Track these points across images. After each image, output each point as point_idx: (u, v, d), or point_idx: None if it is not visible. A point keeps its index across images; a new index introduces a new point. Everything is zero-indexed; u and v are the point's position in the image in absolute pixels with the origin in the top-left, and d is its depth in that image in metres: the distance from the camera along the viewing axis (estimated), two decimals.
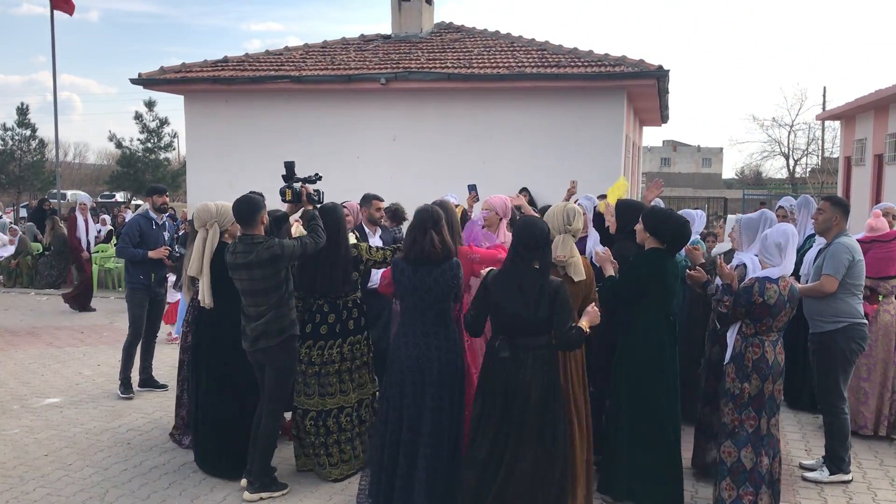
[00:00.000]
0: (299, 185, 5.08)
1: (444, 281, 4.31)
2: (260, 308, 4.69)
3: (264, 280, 4.65)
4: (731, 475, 4.47)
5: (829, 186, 32.89)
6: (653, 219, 4.67)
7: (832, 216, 5.33)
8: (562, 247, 4.32)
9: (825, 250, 5.28)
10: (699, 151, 68.17)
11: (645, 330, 4.56)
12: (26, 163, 37.32)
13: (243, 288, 4.73)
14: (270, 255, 4.61)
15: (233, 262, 4.71)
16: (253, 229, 4.72)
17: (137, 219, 7.21)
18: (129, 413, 6.57)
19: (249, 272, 4.65)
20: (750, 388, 4.43)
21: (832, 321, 5.13)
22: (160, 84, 15.04)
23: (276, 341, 4.70)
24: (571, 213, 4.43)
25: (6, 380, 7.64)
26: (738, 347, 4.51)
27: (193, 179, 15.11)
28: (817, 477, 5.21)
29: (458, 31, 16.75)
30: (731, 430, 4.49)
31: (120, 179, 36.80)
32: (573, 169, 12.99)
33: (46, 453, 5.60)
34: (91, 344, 9.34)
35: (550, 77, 13.09)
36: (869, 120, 19.48)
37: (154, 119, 36.68)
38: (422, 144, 14.02)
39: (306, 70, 14.34)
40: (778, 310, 4.38)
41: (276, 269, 4.66)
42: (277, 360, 4.75)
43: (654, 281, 4.54)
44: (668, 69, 12.92)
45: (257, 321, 4.69)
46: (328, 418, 5.02)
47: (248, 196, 4.82)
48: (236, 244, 4.74)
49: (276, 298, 4.69)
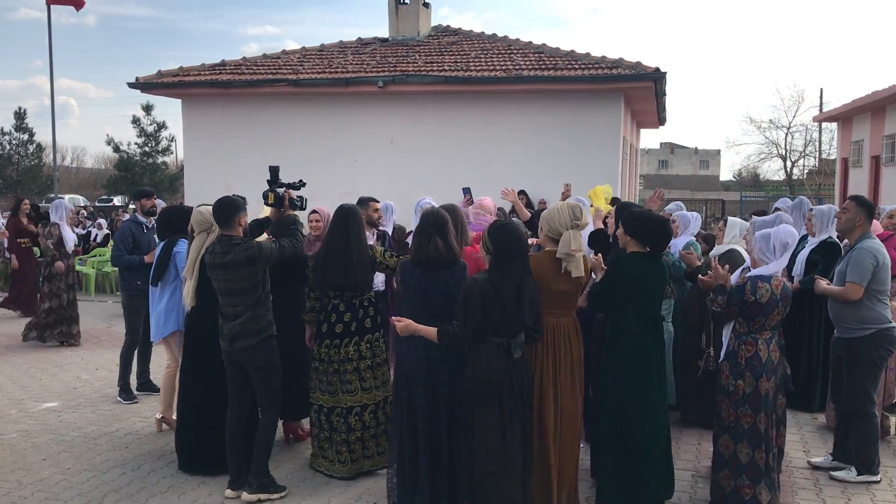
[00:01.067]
0: (282, 191, 5.16)
1: (451, 283, 4.37)
2: (237, 308, 4.74)
3: (241, 280, 4.70)
4: (728, 467, 4.58)
5: (826, 188, 32.94)
6: (632, 222, 4.58)
7: (856, 216, 5.20)
8: (574, 241, 4.35)
9: (849, 254, 5.15)
10: (696, 154, 68.29)
11: (628, 333, 4.49)
12: (24, 167, 37.38)
13: (220, 288, 4.79)
14: (248, 257, 4.67)
15: (211, 261, 4.78)
16: (231, 230, 4.78)
17: (128, 225, 7.20)
18: (127, 417, 6.55)
19: (226, 272, 4.70)
20: (744, 385, 4.50)
21: (859, 328, 5.05)
22: (158, 88, 15.06)
23: (255, 341, 4.75)
24: (577, 209, 4.46)
25: (4, 384, 7.62)
26: (731, 346, 4.58)
27: (191, 183, 15.13)
28: (844, 476, 5.20)
29: (455, 34, 16.79)
30: (728, 425, 4.57)
31: (118, 183, 36.86)
32: (571, 171, 13.01)
33: (44, 457, 5.59)
34: (89, 348, 9.32)
35: (548, 80, 13.11)
36: (866, 121, 19.52)
37: (152, 123, 36.76)
38: (419, 147, 14.04)
39: (304, 73, 14.36)
40: (770, 308, 4.45)
41: (253, 270, 4.72)
42: (258, 360, 4.79)
43: (634, 284, 4.46)
44: (665, 71, 12.97)
45: (234, 321, 4.74)
46: (350, 415, 5.07)
47: (227, 197, 4.89)
48: (214, 245, 4.81)
49: (253, 299, 4.74)
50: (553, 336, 4.41)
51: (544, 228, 4.52)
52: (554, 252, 4.39)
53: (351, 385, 5.04)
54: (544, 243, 4.56)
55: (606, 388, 4.60)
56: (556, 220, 4.42)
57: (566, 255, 4.33)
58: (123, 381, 7.03)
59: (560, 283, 4.39)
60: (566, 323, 4.47)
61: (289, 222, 5.07)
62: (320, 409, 5.13)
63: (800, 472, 5.36)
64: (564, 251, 4.33)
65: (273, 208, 5.25)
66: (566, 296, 4.46)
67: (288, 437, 5.91)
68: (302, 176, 5.54)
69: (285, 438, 5.90)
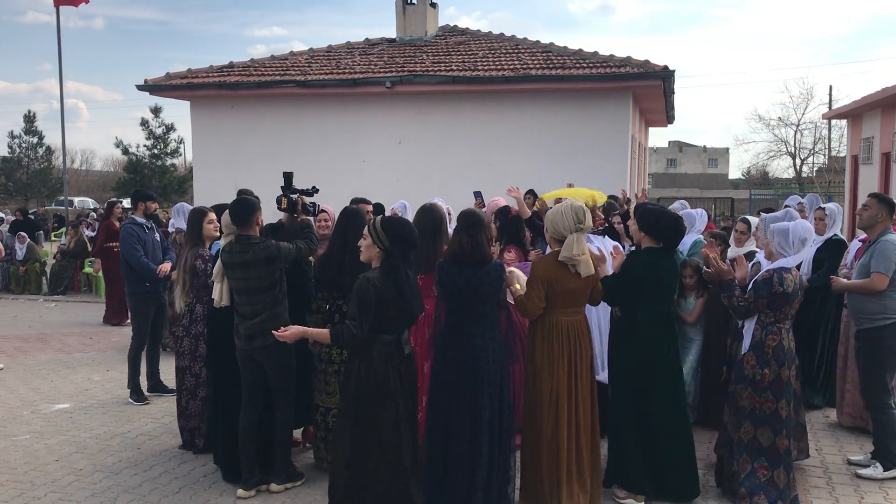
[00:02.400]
0: (296, 196, 5.23)
1: (489, 281, 4.37)
2: (255, 307, 4.79)
3: (259, 279, 4.76)
4: (747, 451, 4.64)
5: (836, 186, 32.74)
6: (646, 218, 4.73)
7: (877, 213, 5.36)
8: (576, 245, 4.39)
9: (872, 247, 5.30)
10: (705, 152, 68.01)
11: (642, 326, 4.63)
12: (33, 170, 37.58)
13: (238, 287, 4.84)
14: (267, 256, 4.74)
15: (229, 260, 4.82)
16: (249, 230, 4.84)
17: (131, 227, 7.12)
18: (139, 418, 6.58)
19: (245, 271, 4.76)
20: (769, 373, 4.59)
21: (880, 318, 5.17)
22: (166, 90, 15.11)
23: (273, 340, 4.64)
24: (580, 212, 4.48)
25: (16, 386, 7.66)
26: (757, 336, 4.67)
27: (200, 185, 15.17)
28: (872, 473, 5.20)
29: (462, 33, 16.78)
30: (750, 411, 4.64)
31: (127, 186, 36.94)
32: (579, 170, 13.00)
33: (57, 458, 5.61)
34: (100, 349, 9.37)
35: (556, 79, 13.10)
36: (876, 118, 19.41)
37: (160, 125, 36.85)
38: (428, 147, 14.04)
39: (312, 74, 14.38)
40: (794, 298, 4.61)
41: (271, 269, 4.78)
42: (276, 356, 4.83)
43: (648, 279, 4.60)
44: (674, 70, 12.92)
45: (252, 320, 4.78)
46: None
47: (244, 198, 4.97)
48: (232, 244, 4.85)
49: (271, 298, 4.80)
50: (567, 335, 4.47)
51: (549, 230, 4.59)
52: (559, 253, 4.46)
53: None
54: (551, 244, 4.64)
55: (620, 381, 4.66)
56: (559, 223, 4.48)
57: (568, 259, 4.38)
58: (133, 382, 7.05)
59: (571, 282, 4.45)
60: (579, 321, 4.53)
61: (303, 226, 5.15)
62: (327, 410, 5.13)
63: (811, 470, 5.34)
64: (567, 255, 4.39)
65: (286, 213, 5.30)
66: (577, 293, 4.51)
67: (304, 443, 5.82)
68: (310, 176, 5.58)
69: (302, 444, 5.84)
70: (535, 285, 4.45)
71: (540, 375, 4.49)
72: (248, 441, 4.93)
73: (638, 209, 4.88)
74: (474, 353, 4.32)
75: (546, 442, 4.45)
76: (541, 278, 4.44)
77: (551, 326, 4.48)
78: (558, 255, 4.45)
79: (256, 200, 5.00)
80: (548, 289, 4.43)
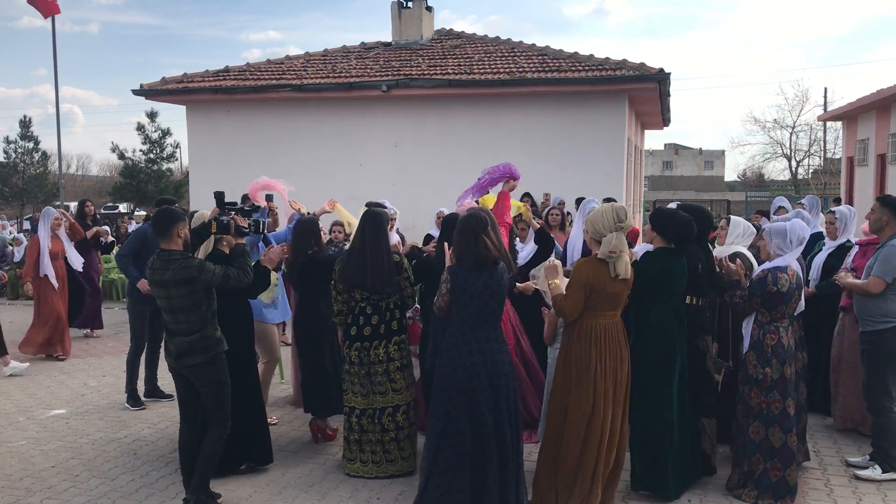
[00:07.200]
0: (227, 219, 4.92)
1: (501, 283, 4.47)
2: (180, 325, 4.56)
3: (181, 299, 4.52)
4: (759, 451, 4.76)
5: (832, 187, 32.80)
6: (659, 219, 4.95)
7: (881, 216, 5.39)
8: (615, 241, 4.43)
9: (879, 250, 5.32)
10: (701, 154, 68.04)
11: (655, 325, 4.76)
12: (29, 175, 37.41)
13: (162, 305, 4.61)
14: (186, 276, 4.47)
15: (151, 278, 4.59)
16: (170, 243, 4.56)
17: (144, 229, 7.13)
18: (136, 423, 6.56)
19: (167, 290, 4.52)
20: (772, 371, 4.72)
21: (882, 321, 5.21)
22: (162, 94, 15.09)
23: (202, 359, 4.58)
24: (622, 212, 4.53)
25: (12, 391, 7.64)
26: (755, 335, 4.81)
27: (196, 189, 15.13)
28: (870, 475, 5.22)
29: (458, 37, 16.79)
30: (759, 411, 4.77)
31: (123, 190, 36.80)
32: (576, 173, 13.02)
33: (53, 464, 5.59)
34: (96, 355, 9.34)
35: (551, 82, 13.10)
36: (871, 120, 19.47)
37: (156, 130, 36.67)
38: (424, 151, 14.03)
39: (307, 78, 14.37)
40: (790, 296, 4.72)
41: (192, 289, 4.51)
42: (206, 376, 4.62)
43: (661, 278, 4.75)
44: (670, 72, 12.93)
45: (180, 337, 4.57)
46: (383, 416, 5.17)
47: (165, 208, 4.71)
48: (154, 260, 4.59)
49: (197, 317, 4.55)
50: (605, 338, 4.50)
51: (589, 231, 4.63)
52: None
53: (382, 386, 5.16)
54: (591, 246, 4.68)
55: (640, 381, 4.74)
56: (599, 223, 4.50)
57: (607, 255, 4.43)
58: (131, 387, 7.03)
59: (611, 286, 4.49)
60: (615, 324, 4.58)
61: (237, 253, 4.78)
62: (352, 410, 5.24)
63: (810, 472, 5.34)
64: (604, 251, 4.43)
65: (218, 235, 4.98)
66: (615, 297, 4.55)
67: (315, 436, 5.96)
68: (306, 180, 5.58)
69: (313, 438, 5.96)
70: (577, 287, 4.48)
71: (579, 380, 4.48)
72: (185, 454, 4.75)
73: (651, 211, 5.10)
74: (492, 356, 4.42)
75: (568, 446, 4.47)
76: (583, 280, 4.46)
77: (589, 329, 4.50)
78: (597, 257, 4.50)
79: (180, 211, 4.74)
80: (588, 291, 4.46)
